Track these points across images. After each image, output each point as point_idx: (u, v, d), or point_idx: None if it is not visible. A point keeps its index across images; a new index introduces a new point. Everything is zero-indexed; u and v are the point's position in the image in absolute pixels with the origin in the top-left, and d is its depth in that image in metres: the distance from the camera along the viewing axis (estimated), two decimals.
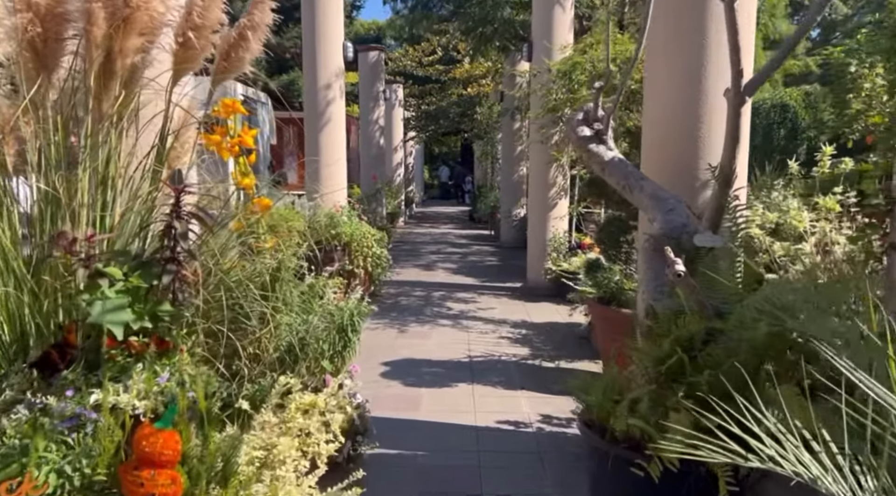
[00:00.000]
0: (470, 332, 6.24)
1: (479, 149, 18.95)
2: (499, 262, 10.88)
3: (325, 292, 2.98)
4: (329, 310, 2.84)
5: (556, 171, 8.06)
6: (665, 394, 2.35)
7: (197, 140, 3.11)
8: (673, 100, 3.15)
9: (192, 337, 2.47)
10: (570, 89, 6.72)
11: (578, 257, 7.35)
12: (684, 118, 3.12)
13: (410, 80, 19.54)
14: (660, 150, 3.26)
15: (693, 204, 3.09)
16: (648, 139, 3.34)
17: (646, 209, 2.96)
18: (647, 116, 3.34)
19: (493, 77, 15.01)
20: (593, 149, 3.06)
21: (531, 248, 8.36)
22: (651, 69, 3.26)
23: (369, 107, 13.50)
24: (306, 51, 7.79)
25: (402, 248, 12.44)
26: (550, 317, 6.88)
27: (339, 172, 7.98)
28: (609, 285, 4.52)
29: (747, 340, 2.25)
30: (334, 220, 7.12)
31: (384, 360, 5.26)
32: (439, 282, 8.93)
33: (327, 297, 2.98)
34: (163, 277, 2.15)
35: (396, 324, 6.51)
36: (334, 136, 7.89)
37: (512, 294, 8.15)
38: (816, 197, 3.47)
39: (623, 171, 3.00)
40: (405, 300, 7.74)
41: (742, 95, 2.39)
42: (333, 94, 7.78)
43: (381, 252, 7.68)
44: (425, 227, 17.23)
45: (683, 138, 3.13)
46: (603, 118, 3.06)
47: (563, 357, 5.42)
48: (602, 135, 3.08)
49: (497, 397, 4.45)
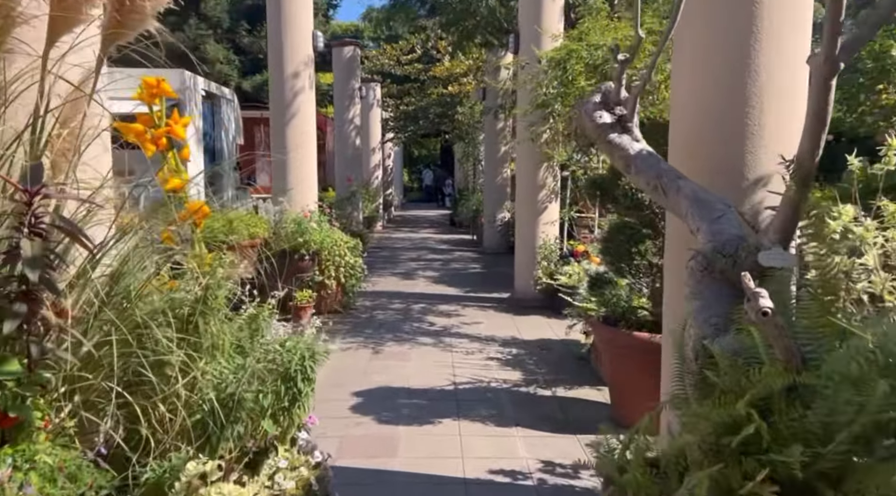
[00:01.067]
0: (454, 352, 5.55)
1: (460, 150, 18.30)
2: (483, 270, 10.21)
3: (270, 326, 2.27)
4: (273, 351, 2.14)
5: (545, 171, 7.42)
6: (736, 477, 1.69)
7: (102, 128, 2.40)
8: (711, 78, 2.49)
9: (70, 400, 1.75)
10: (563, 81, 6.09)
11: (572, 266, 6.71)
12: (727, 101, 2.47)
13: (388, 79, 18.81)
14: (693, 143, 2.59)
15: (739, 209, 2.43)
16: (678, 129, 2.69)
17: (685, 216, 2.30)
18: (677, 100, 2.69)
19: (474, 75, 14.36)
20: (615, 140, 2.40)
21: (519, 255, 7.70)
22: (682, 39, 2.60)
23: (344, 105, 12.77)
24: (271, 37, 7.06)
25: (379, 255, 11.73)
26: (542, 332, 6.23)
27: (308, 173, 7.25)
28: (618, 304, 3.87)
29: (856, 404, 1.59)
30: (302, 227, 6.39)
31: (356, 389, 4.55)
32: (419, 293, 8.23)
33: (273, 333, 2.27)
34: (4, 324, 1.43)
35: (371, 344, 5.80)
36: (302, 131, 7.16)
37: (499, 306, 7.48)
38: (879, 200, 2.83)
39: (655, 168, 2.34)
40: (382, 314, 7.03)
41: (835, 61, 1.73)
42: (302, 85, 7.05)
43: (355, 261, 6.97)
44: (404, 231, 16.52)
45: (725, 127, 2.47)
46: (627, 101, 2.40)
47: (561, 382, 4.76)
48: (626, 122, 2.43)
49: (488, 437, 3.77)
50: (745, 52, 2.43)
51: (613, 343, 3.98)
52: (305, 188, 7.17)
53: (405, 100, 18.61)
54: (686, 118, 2.64)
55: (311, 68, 7.22)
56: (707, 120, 2.55)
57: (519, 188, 7.75)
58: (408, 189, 30.37)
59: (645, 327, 3.92)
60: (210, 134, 8.82)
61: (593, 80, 4.98)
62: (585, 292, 4.61)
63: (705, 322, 2.10)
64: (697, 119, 2.58)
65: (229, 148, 9.43)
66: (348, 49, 12.82)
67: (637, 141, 2.46)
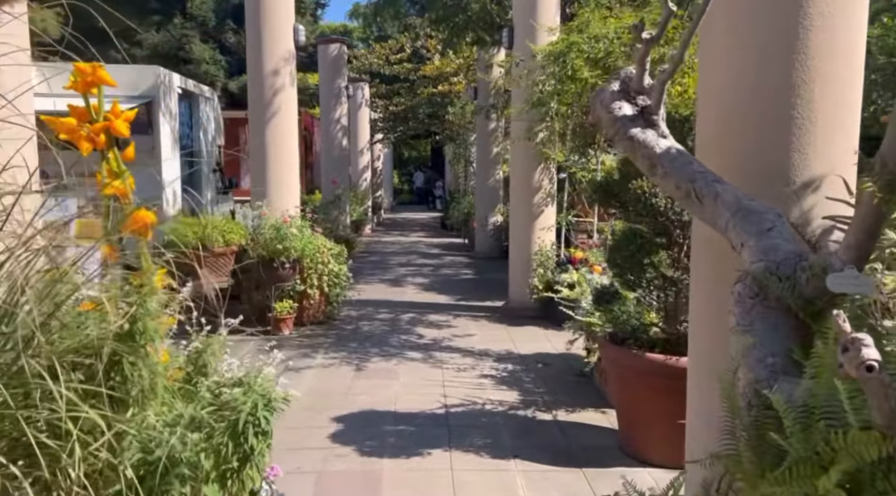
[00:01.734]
0: (445, 369, 5.13)
1: (450, 151, 17.89)
2: (475, 276, 9.80)
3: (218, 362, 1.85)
4: (223, 395, 1.72)
5: (541, 173, 7.02)
6: None
7: None
8: (751, 62, 2.09)
9: None
10: (560, 78, 5.69)
11: (571, 274, 6.31)
12: (769, 91, 2.07)
13: (377, 79, 18.37)
14: (726, 139, 2.19)
15: None
16: (707, 125, 2.29)
17: (725, 228, 1.89)
18: (707, 88, 2.28)
19: (465, 74, 13.96)
20: (637, 135, 2.00)
21: (513, 262, 7.29)
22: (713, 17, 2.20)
23: (330, 105, 12.32)
24: (249, 31, 6.62)
25: (367, 260, 11.29)
26: (539, 345, 5.82)
27: (289, 175, 6.81)
28: (628, 321, 3.47)
29: None
30: (281, 233, 5.95)
31: (337, 413, 4.12)
32: (408, 302, 7.81)
33: (222, 373, 1.85)
34: None
35: (355, 359, 5.37)
36: (284, 131, 6.72)
37: (492, 316, 7.06)
38: None
39: (686, 170, 1.93)
40: (368, 326, 6.60)
41: None
42: (282, 82, 6.62)
43: (339, 268, 6.54)
44: (394, 234, 16.09)
45: (767, 122, 2.07)
46: (652, 89, 2.00)
47: (562, 403, 4.35)
48: (650, 114, 2.03)
49: (483, 473, 3.35)
50: (793, 33, 2.03)
51: (622, 364, 3.57)
52: (286, 191, 6.73)
53: (394, 100, 18.19)
54: (718, 110, 2.24)
55: (292, 64, 6.78)
56: (744, 112, 2.15)
57: (513, 191, 7.34)
58: (398, 191, 29.93)
59: (657, 346, 3.52)
60: (187, 134, 8.36)
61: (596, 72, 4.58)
62: (589, 305, 4.21)
63: (759, 362, 1.70)
64: (732, 111, 2.18)
65: (209, 149, 8.97)
66: (334, 47, 12.39)
67: (664, 137, 2.05)
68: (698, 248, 2.34)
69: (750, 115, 2.12)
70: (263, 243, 6.03)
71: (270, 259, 5.97)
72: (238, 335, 2.14)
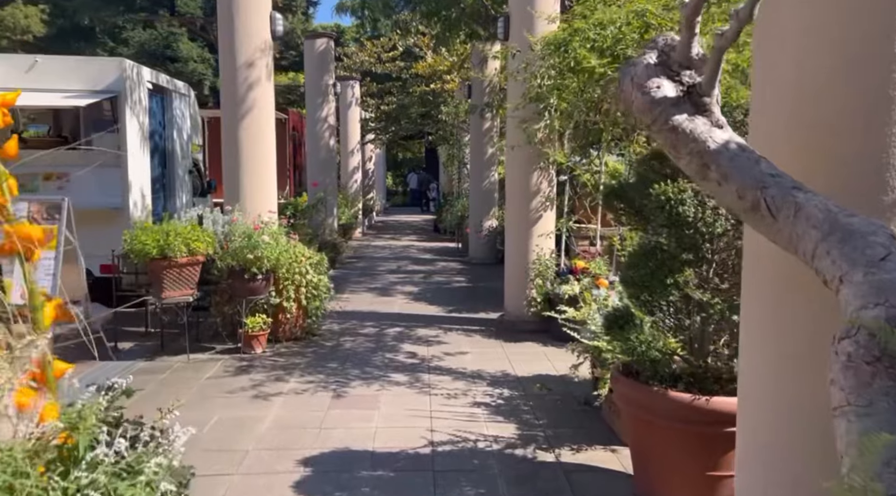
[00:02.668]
0: (433, 395, 4.57)
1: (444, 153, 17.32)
2: (469, 284, 9.24)
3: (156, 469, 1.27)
4: None
5: (540, 175, 6.46)
6: None
7: None
8: (827, 45, 1.54)
9: None
10: (561, 70, 5.15)
11: (571, 285, 5.76)
12: (856, 79, 1.51)
13: (369, 77, 17.78)
14: (797, 135, 1.64)
15: None
16: (766, 120, 1.73)
17: (811, 254, 1.33)
18: (764, 77, 1.73)
19: (458, 71, 13.40)
20: (683, 124, 1.45)
21: (510, 270, 6.72)
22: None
23: (317, 103, 11.73)
24: (222, 19, 6.05)
25: (355, 266, 10.72)
26: (539, 366, 5.26)
27: (264, 177, 6.24)
28: (646, 353, 2.91)
29: None
30: (252, 241, 5.38)
31: (306, 454, 3.55)
32: (396, 313, 7.24)
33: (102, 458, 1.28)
34: None
35: (333, 383, 4.79)
36: (258, 129, 6.15)
37: (486, 330, 6.50)
38: None
39: (753, 173, 1.37)
40: (350, 342, 6.03)
41: None
42: (257, 75, 6.05)
43: (318, 279, 5.96)
44: (385, 238, 15.52)
45: (854, 117, 1.52)
46: (705, 62, 1.44)
47: (565, 439, 3.79)
48: (701, 96, 1.47)
49: None
50: (889, 7, 1.49)
51: (640, 403, 3.01)
52: (261, 195, 6.16)
53: (386, 99, 17.60)
54: (780, 103, 1.69)
55: (269, 56, 6.21)
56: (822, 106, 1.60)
57: (509, 194, 6.78)
58: (392, 193, 29.34)
59: (680, 382, 2.97)
60: (159, 133, 7.77)
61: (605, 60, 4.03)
62: (598, 328, 3.66)
63: (888, 466, 1.11)
64: (800, 104, 1.63)
65: (184, 149, 8.37)
66: (321, 42, 11.81)
67: (719, 127, 1.49)
68: (753, 265, 1.79)
69: (827, 111, 1.57)
70: (233, 252, 5.45)
71: (241, 270, 5.40)
72: (205, 353, 1.59)
